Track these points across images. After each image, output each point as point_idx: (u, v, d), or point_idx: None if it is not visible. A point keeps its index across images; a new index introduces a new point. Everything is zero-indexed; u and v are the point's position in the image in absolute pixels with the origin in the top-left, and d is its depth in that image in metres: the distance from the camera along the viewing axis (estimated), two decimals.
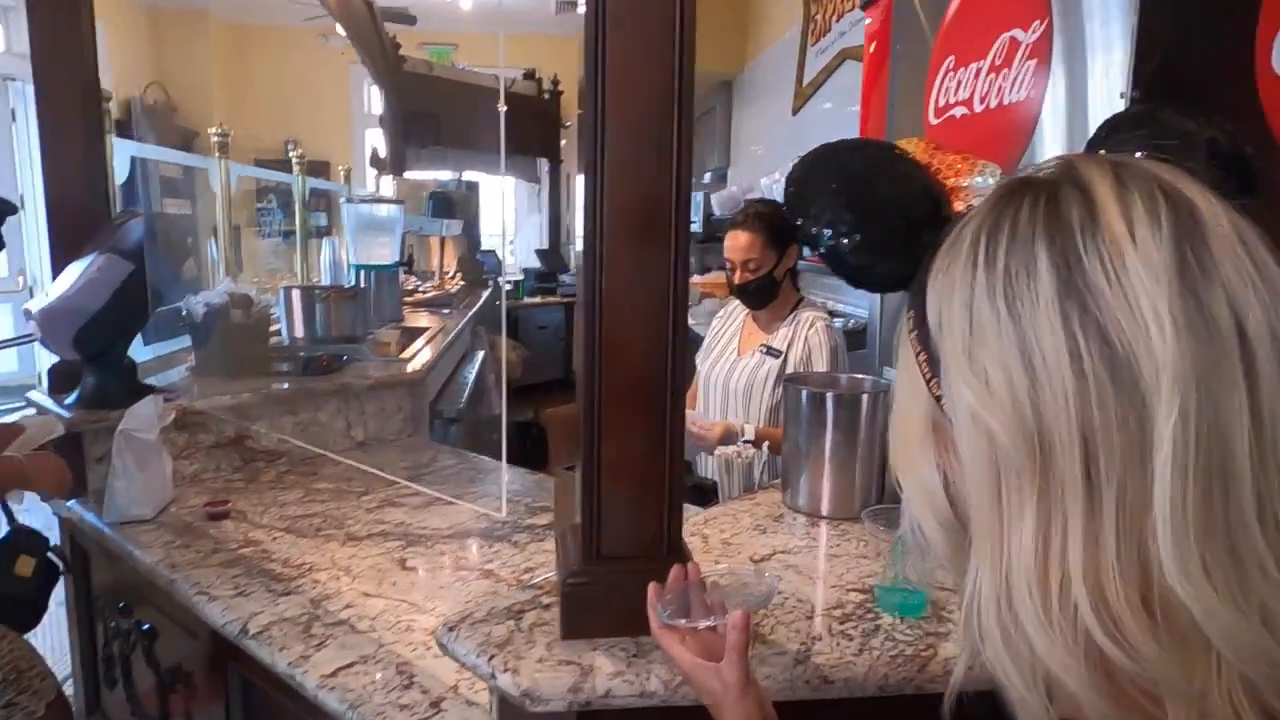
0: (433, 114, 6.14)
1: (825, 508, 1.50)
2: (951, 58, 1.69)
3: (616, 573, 1.04)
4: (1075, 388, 0.41)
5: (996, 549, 0.45)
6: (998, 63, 1.55)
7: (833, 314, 2.43)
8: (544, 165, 7.56)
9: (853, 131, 2.68)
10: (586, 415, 1.02)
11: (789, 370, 2.14)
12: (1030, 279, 0.43)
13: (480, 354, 4.33)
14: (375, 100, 6.58)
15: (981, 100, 1.59)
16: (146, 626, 1.76)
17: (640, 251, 1.00)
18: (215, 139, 3.13)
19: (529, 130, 7.14)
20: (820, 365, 2.13)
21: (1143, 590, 0.41)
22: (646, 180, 0.99)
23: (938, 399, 0.49)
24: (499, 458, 2.24)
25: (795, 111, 4.88)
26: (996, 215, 0.46)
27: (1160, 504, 0.40)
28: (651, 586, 0.90)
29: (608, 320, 1.00)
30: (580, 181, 1.02)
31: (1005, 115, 1.53)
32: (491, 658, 1.00)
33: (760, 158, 5.58)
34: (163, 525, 1.84)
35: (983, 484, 0.45)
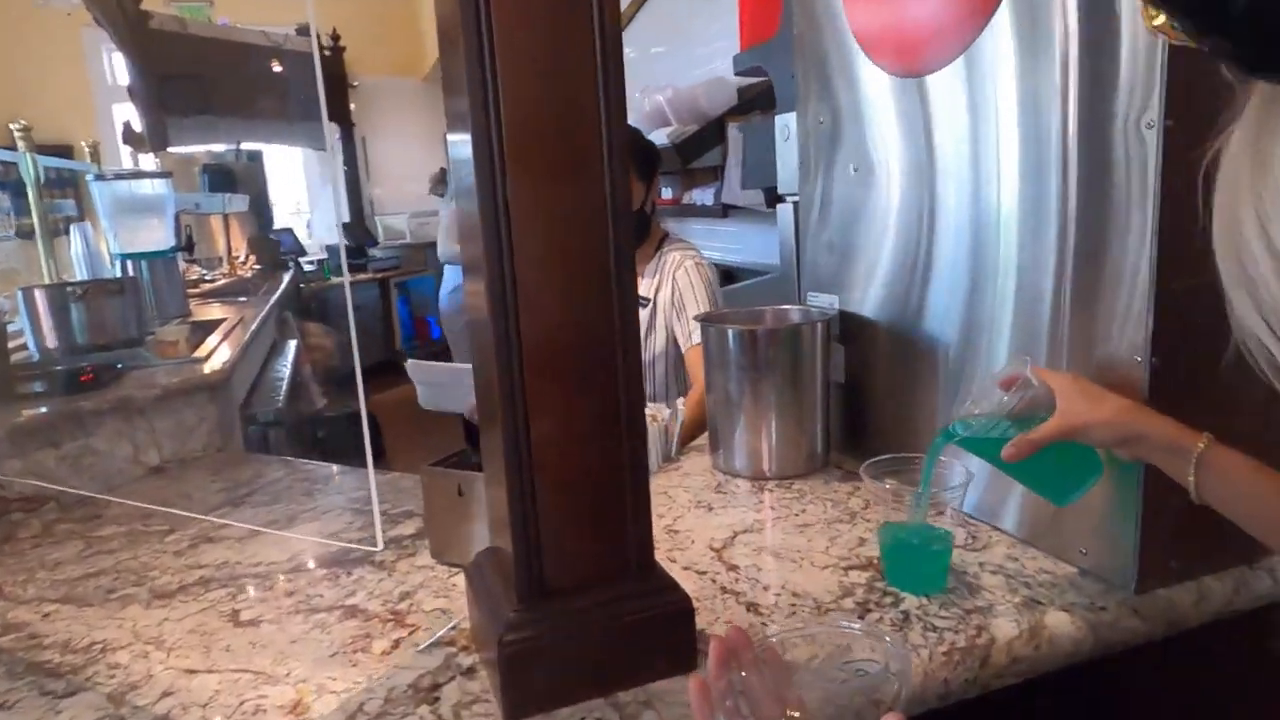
0: (195, 77, 5.32)
1: (770, 467, 1.26)
2: None
3: (572, 612, 0.73)
4: None
5: None
6: None
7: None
8: (335, 131, 6.83)
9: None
10: (505, 397, 0.70)
11: (659, 318, 1.90)
12: None
13: (292, 344, 3.77)
14: (121, 69, 5.62)
15: None
16: None
17: (559, 188, 0.68)
18: None
19: (312, 91, 6.39)
20: (697, 307, 1.89)
21: None
22: (563, 76, 0.67)
23: None
24: (332, 460, 1.84)
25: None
26: None
27: None
28: (693, 683, 0.58)
29: (524, 280, 0.68)
30: (376, 146, 0.68)
31: None
32: None
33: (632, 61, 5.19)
34: None
35: None
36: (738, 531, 1.08)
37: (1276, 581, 0.91)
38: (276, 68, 5.60)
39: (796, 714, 0.55)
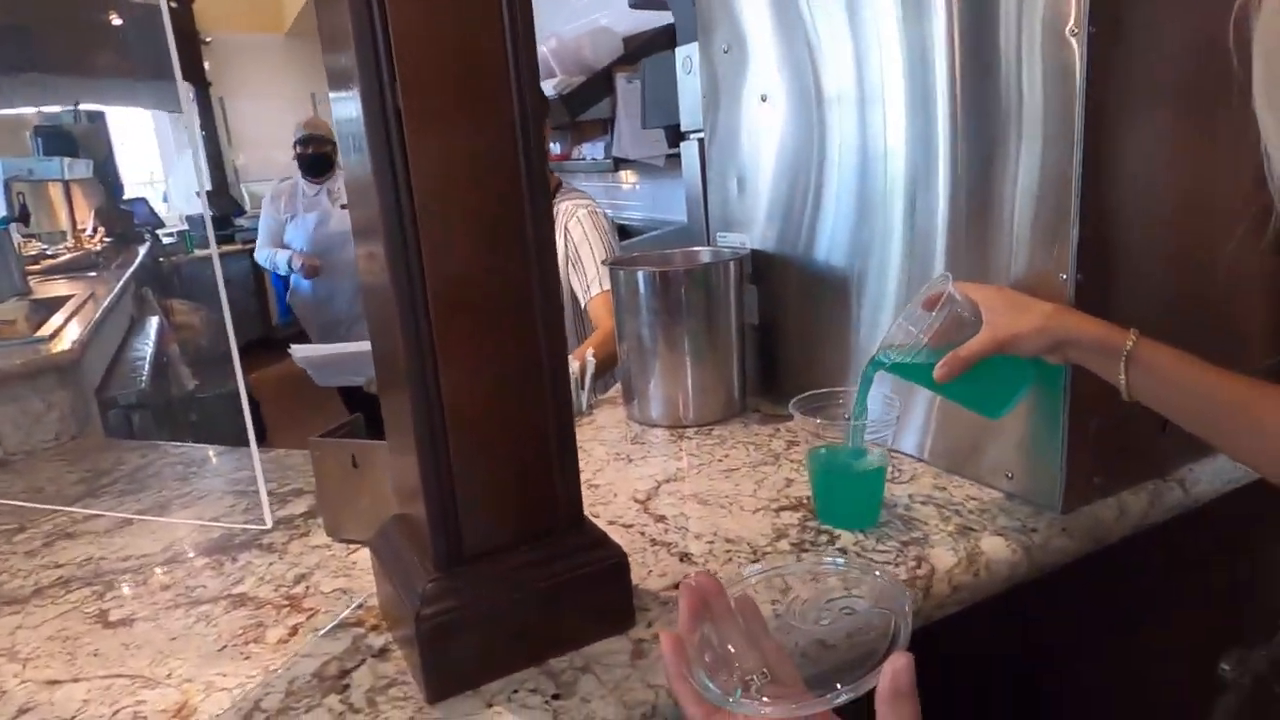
0: (18, 29, 4.79)
1: (688, 414, 1.21)
2: None
3: (496, 578, 0.66)
4: None
5: None
6: None
7: None
8: (190, 91, 6.30)
9: None
10: (412, 353, 0.61)
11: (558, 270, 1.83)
12: None
13: (154, 321, 3.47)
14: None
15: None
16: None
17: (464, 135, 0.60)
18: None
19: (159, 47, 5.85)
20: (594, 257, 1.84)
21: None
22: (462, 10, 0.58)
23: None
24: (208, 443, 1.69)
25: None
26: None
27: None
28: (665, 638, 0.52)
29: (428, 233, 0.59)
30: (236, 108, 0.58)
31: None
32: None
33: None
34: None
35: None
36: (661, 481, 1.03)
37: (1186, 492, 0.93)
38: (115, 20, 5.09)
39: (776, 666, 0.50)
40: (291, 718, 0.64)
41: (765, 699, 0.49)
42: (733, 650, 0.52)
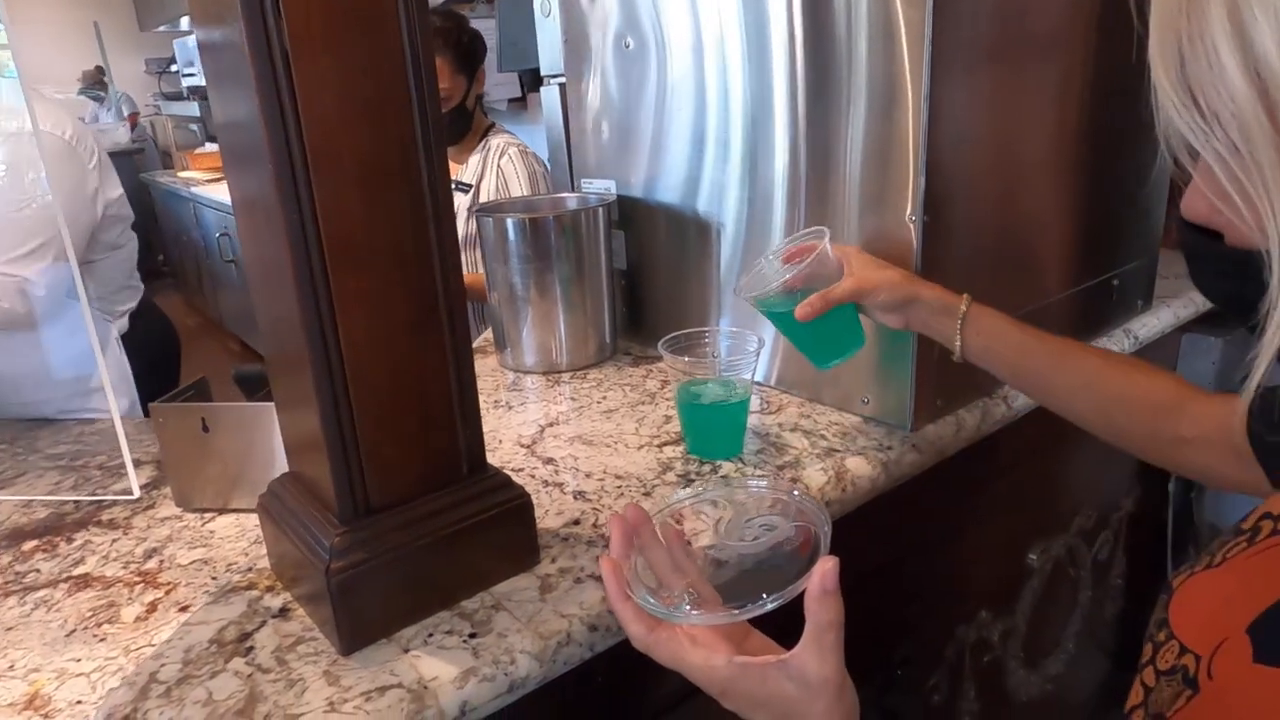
0: None
1: (562, 359, 1.23)
2: None
3: (403, 526, 0.66)
4: None
5: None
6: None
7: None
8: None
9: None
10: (306, 302, 0.59)
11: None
12: None
13: None
14: None
15: None
16: None
17: (350, 51, 0.57)
18: None
19: None
20: (521, 193, 1.83)
21: None
22: None
23: None
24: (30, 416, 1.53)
25: None
26: None
27: None
28: (605, 562, 0.55)
29: (320, 174, 0.57)
30: None
31: None
32: None
33: None
34: None
35: None
36: (544, 426, 1.05)
37: (1009, 407, 1.06)
38: None
39: (699, 587, 0.55)
40: (195, 686, 0.63)
41: (700, 611, 0.53)
42: (660, 575, 0.56)
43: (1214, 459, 0.70)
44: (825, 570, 0.49)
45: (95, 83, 6.10)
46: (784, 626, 0.53)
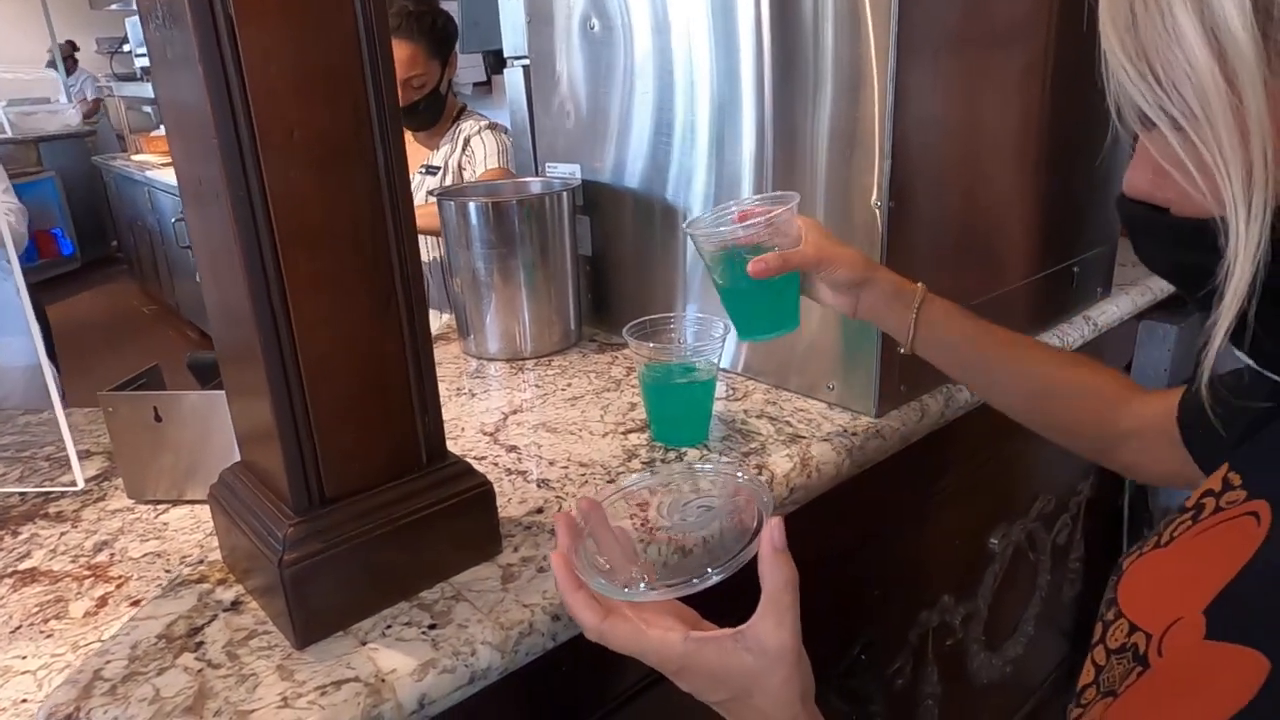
0: None
1: (526, 346, 1.21)
2: None
3: (360, 516, 0.65)
4: None
5: None
6: None
7: None
8: None
9: None
10: (256, 287, 0.57)
11: (449, 183, 1.81)
12: None
13: None
14: None
15: None
16: None
17: (299, 23, 0.55)
18: None
19: None
20: (487, 167, 1.81)
21: None
22: None
23: None
24: None
25: None
26: None
27: None
28: (555, 557, 0.55)
29: (269, 156, 0.54)
30: None
31: None
32: None
33: None
34: None
35: None
36: (507, 413, 1.04)
37: (972, 394, 1.07)
38: None
39: (648, 572, 0.55)
40: (141, 683, 0.60)
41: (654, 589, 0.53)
42: (612, 560, 0.56)
43: (1147, 454, 0.71)
44: (772, 528, 0.49)
45: (67, 58, 5.90)
46: (743, 617, 0.53)
